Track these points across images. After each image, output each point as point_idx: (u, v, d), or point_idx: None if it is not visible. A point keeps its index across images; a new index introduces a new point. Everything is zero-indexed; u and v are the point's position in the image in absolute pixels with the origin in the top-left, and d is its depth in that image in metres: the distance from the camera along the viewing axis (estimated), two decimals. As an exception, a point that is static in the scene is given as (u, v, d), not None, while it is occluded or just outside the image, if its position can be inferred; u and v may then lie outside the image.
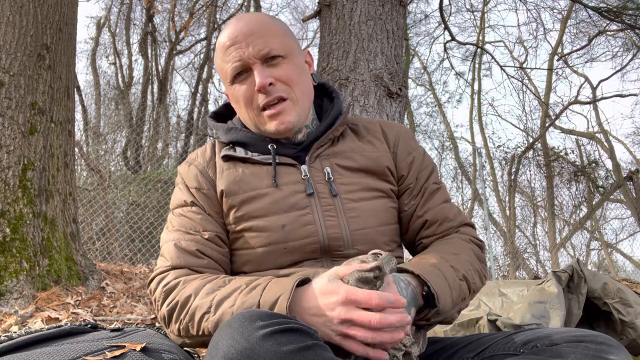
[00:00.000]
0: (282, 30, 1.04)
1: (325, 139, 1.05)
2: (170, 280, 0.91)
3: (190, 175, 1.05)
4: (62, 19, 3.14)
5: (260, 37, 0.98)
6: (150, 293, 0.96)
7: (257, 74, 0.97)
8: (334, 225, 0.96)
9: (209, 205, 1.01)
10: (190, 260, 0.94)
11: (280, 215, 0.96)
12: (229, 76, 1.01)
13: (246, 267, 0.99)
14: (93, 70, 12.29)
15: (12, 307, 2.35)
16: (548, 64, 11.90)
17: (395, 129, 1.14)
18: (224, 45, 1.00)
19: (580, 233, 10.96)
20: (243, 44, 0.98)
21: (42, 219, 2.74)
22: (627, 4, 5.53)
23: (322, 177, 1.01)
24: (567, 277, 1.97)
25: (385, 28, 2.52)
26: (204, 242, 0.97)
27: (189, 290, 0.87)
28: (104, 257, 5.81)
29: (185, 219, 1.00)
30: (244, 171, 1.02)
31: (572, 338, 0.70)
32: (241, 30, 0.99)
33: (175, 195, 1.06)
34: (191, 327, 0.85)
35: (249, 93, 1.00)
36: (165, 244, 0.98)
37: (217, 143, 1.11)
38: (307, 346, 0.63)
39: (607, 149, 12.05)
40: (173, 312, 0.88)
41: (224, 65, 1.01)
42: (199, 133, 10.07)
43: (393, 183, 1.07)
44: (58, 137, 3.01)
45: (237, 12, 11.36)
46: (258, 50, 0.98)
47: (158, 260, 0.99)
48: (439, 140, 12.48)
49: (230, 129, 1.08)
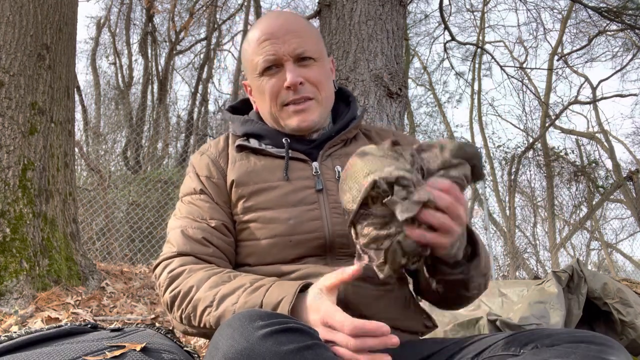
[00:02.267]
0: (316, 35, 1.08)
1: (338, 140, 1.07)
2: (176, 267, 0.93)
3: (201, 164, 1.07)
4: (62, 19, 3.15)
5: (297, 37, 1.01)
6: (155, 278, 0.98)
7: (289, 71, 1.00)
8: (340, 222, 0.97)
9: (217, 194, 1.03)
10: (196, 247, 0.96)
11: (288, 209, 0.97)
12: (259, 68, 1.03)
13: (250, 259, 1.00)
14: (93, 70, 12.30)
15: (12, 307, 2.35)
16: (548, 64, 11.91)
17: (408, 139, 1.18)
18: (259, 38, 1.03)
19: (580, 233, 10.98)
20: (280, 40, 1.01)
21: (42, 219, 2.74)
22: (627, 4, 5.53)
23: (332, 175, 1.02)
24: (567, 277, 1.97)
25: (385, 28, 2.52)
26: (210, 231, 0.98)
27: (193, 281, 0.88)
28: (104, 257, 5.81)
29: (193, 206, 1.02)
30: (256, 163, 1.04)
31: (573, 339, 0.70)
32: (279, 27, 1.02)
33: (185, 183, 1.08)
34: (193, 318, 0.86)
35: (277, 88, 1.02)
36: (173, 231, 1.00)
37: (231, 135, 1.13)
38: (307, 346, 0.63)
39: (607, 149, 12.05)
40: (175, 299, 0.90)
41: (255, 58, 1.03)
42: (199, 133, 10.08)
43: None
44: (58, 137, 3.01)
45: (237, 12, 11.38)
46: (293, 49, 1.00)
47: (164, 246, 1.00)
48: (439, 141, 12.49)
49: (246, 121, 1.11)
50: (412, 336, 0.99)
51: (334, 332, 0.72)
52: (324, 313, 0.73)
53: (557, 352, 0.68)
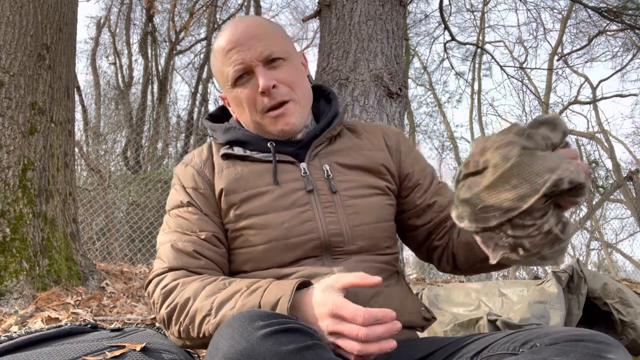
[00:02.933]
0: (280, 33, 1.06)
1: (323, 138, 1.06)
2: (169, 282, 0.91)
3: (187, 176, 1.05)
4: (62, 19, 3.15)
5: (261, 40, 0.99)
6: (148, 296, 0.96)
7: (260, 76, 0.98)
8: (333, 221, 0.97)
9: (205, 205, 1.01)
10: (187, 261, 0.94)
11: (281, 213, 0.97)
12: (230, 79, 1.02)
13: (246, 266, 0.99)
14: (93, 70, 12.29)
15: (12, 307, 2.35)
16: (548, 64, 11.90)
17: (394, 130, 1.17)
18: (224, 48, 1.01)
19: (580, 233, 10.96)
20: (244, 46, 0.99)
21: (42, 219, 2.74)
22: (627, 4, 5.53)
23: (321, 175, 1.02)
24: (567, 277, 1.97)
25: (385, 28, 2.52)
26: (200, 243, 0.96)
27: (188, 293, 0.87)
28: (104, 257, 5.81)
29: (181, 219, 1.00)
30: (244, 169, 1.02)
31: (572, 337, 0.70)
32: (241, 34, 1.00)
33: (171, 196, 1.06)
34: (192, 330, 0.85)
35: (252, 95, 1.01)
36: (162, 246, 0.98)
37: (214, 144, 1.11)
38: (307, 346, 0.63)
39: (607, 149, 12.05)
40: (172, 314, 0.88)
41: (225, 69, 1.02)
42: (199, 133, 10.07)
43: (390, 181, 1.08)
44: (58, 137, 3.01)
45: (237, 12, 11.37)
46: (260, 52, 0.99)
47: (155, 263, 0.98)
48: (439, 140, 12.50)
49: (228, 129, 1.09)
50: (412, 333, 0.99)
51: (343, 323, 0.72)
52: (333, 305, 0.73)
53: (556, 351, 0.68)
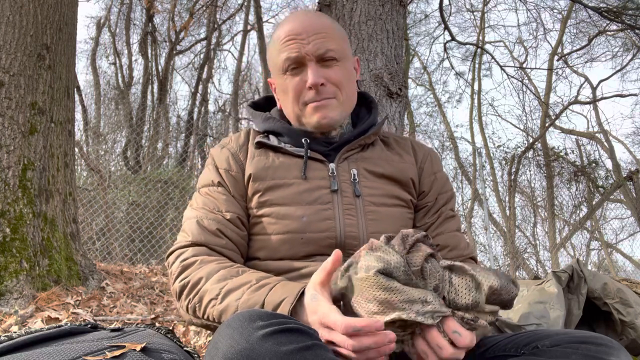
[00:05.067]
0: (341, 35, 1.09)
1: (356, 144, 1.08)
2: (189, 256, 0.95)
3: (221, 157, 1.09)
4: (62, 19, 3.14)
5: (321, 37, 1.03)
6: (168, 265, 1.00)
7: (311, 72, 1.02)
8: (352, 224, 0.98)
9: (234, 187, 1.05)
10: (210, 238, 0.98)
11: (302, 206, 0.99)
12: (282, 66, 1.05)
13: (260, 253, 1.01)
14: (93, 70, 12.29)
15: (12, 307, 2.35)
16: (548, 64, 11.89)
17: (425, 148, 1.19)
18: (284, 36, 1.04)
19: (580, 233, 10.96)
20: (304, 40, 1.02)
21: (42, 219, 2.74)
22: (627, 4, 5.53)
23: (347, 177, 1.04)
24: (567, 277, 1.97)
25: (385, 28, 2.52)
26: (224, 223, 1.00)
27: (202, 273, 0.90)
28: (104, 257, 5.81)
29: (210, 198, 1.04)
30: (274, 159, 1.06)
31: (573, 339, 0.70)
32: (304, 26, 1.04)
33: (203, 175, 1.10)
34: (198, 309, 0.88)
35: (300, 87, 1.04)
36: (188, 220, 1.02)
37: (252, 131, 1.15)
38: (306, 346, 0.63)
39: (607, 149, 12.04)
40: (184, 289, 0.91)
41: (279, 55, 1.05)
42: (199, 133, 10.08)
43: (414, 195, 1.10)
44: (58, 137, 3.01)
45: (237, 12, 11.37)
46: (317, 48, 1.02)
47: (179, 235, 1.02)
48: (439, 140, 12.48)
49: (267, 118, 1.13)
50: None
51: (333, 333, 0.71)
52: (321, 314, 0.73)
53: (558, 353, 0.68)
